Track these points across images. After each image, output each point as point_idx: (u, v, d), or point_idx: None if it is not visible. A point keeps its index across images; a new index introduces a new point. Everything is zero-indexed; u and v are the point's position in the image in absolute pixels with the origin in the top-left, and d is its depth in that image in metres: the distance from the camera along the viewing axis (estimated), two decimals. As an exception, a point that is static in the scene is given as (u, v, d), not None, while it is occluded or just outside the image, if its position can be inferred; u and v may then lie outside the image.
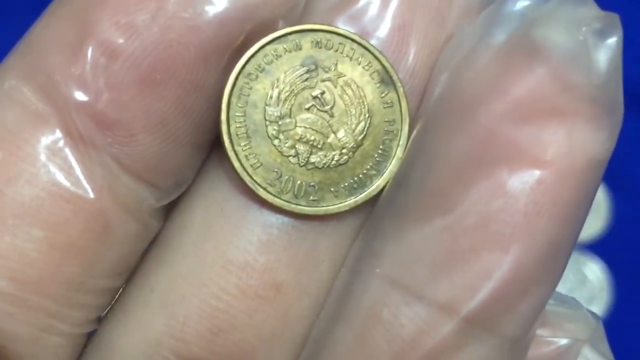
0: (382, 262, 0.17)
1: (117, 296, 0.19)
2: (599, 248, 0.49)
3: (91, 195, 0.17)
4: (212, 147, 0.19)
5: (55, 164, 0.17)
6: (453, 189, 0.17)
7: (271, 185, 0.18)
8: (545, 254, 0.17)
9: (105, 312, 0.19)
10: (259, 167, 0.18)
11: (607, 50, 0.17)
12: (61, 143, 0.17)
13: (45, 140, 0.17)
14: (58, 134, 0.17)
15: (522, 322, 0.17)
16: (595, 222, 0.49)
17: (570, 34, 0.17)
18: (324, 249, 0.18)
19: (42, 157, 0.17)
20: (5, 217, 0.17)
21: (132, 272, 0.19)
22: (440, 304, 0.17)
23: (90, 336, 0.19)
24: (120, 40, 0.17)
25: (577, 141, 0.17)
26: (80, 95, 0.17)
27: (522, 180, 0.17)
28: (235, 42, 0.17)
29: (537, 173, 0.17)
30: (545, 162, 0.17)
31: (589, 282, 0.49)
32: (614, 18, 0.17)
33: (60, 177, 0.17)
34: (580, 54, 0.17)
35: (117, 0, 0.17)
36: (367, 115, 0.18)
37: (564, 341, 0.19)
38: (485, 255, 0.17)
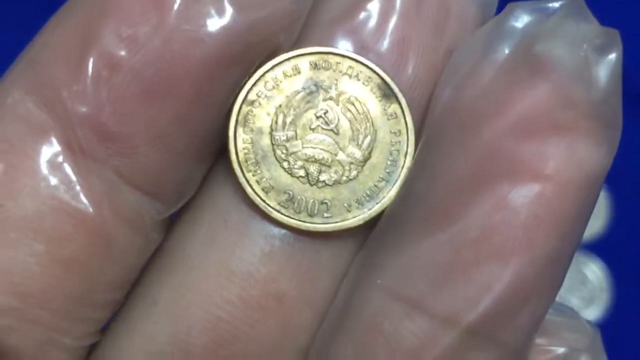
0: (384, 274, 0.18)
1: (119, 308, 0.19)
2: (599, 248, 0.49)
3: (91, 209, 0.17)
4: (215, 159, 0.19)
5: (56, 177, 0.17)
6: (455, 202, 0.17)
7: (284, 207, 0.18)
8: (544, 266, 0.17)
9: (107, 324, 0.19)
10: (270, 190, 0.18)
11: (607, 66, 0.17)
12: (62, 156, 0.17)
13: (47, 153, 0.17)
14: (59, 147, 0.17)
15: (522, 332, 0.18)
16: (595, 222, 0.49)
17: (572, 50, 0.17)
18: (326, 259, 0.19)
19: (44, 170, 0.17)
20: (7, 231, 0.17)
21: (135, 283, 0.19)
22: (441, 316, 0.17)
23: (92, 348, 0.19)
24: (122, 53, 0.17)
25: (577, 156, 0.17)
26: (82, 108, 0.17)
27: (523, 194, 0.17)
28: (237, 54, 0.17)
29: (537, 187, 0.17)
30: (545, 176, 0.17)
31: (589, 282, 0.49)
32: (614, 34, 0.17)
33: (61, 191, 0.17)
34: (582, 70, 0.17)
35: (119, 12, 0.17)
36: (372, 129, 0.19)
37: (561, 350, 0.19)
38: (486, 268, 0.17)
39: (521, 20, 0.18)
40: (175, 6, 0.17)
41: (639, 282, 0.49)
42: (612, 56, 0.17)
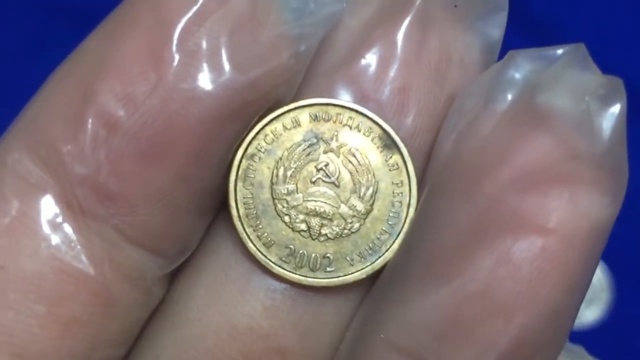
0: (387, 327, 0.17)
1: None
2: (598, 248, 0.49)
3: (92, 268, 0.17)
4: (216, 213, 0.19)
5: (56, 237, 0.17)
6: (457, 256, 0.17)
7: (286, 262, 0.18)
8: (550, 320, 0.17)
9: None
10: (272, 245, 0.18)
11: (611, 117, 0.17)
12: (61, 216, 0.17)
13: (47, 213, 0.17)
14: (59, 206, 0.17)
15: None
16: (595, 222, 0.49)
17: (575, 100, 0.17)
18: (329, 313, 0.18)
19: (44, 230, 0.17)
20: (7, 292, 0.17)
21: (138, 337, 0.19)
22: None
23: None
24: (121, 113, 0.16)
25: (581, 207, 0.17)
26: (81, 168, 0.17)
27: (526, 248, 0.16)
28: (236, 111, 0.17)
29: (540, 241, 0.16)
30: (548, 229, 0.16)
31: (589, 282, 0.49)
32: (618, 83, 0.17)
33: (61, 251, 0.17)
34: (584, 121, 0.16)
35: (117, 71, 0.16)
36: (374, 181, 0.18)
37: None
38: (489, 323, 0.17)
39: (522, 68, 0.17)
40: (173, 65, 0.16)
41: (639, 282, 0.49)
42: (616, 106, 0.17)
